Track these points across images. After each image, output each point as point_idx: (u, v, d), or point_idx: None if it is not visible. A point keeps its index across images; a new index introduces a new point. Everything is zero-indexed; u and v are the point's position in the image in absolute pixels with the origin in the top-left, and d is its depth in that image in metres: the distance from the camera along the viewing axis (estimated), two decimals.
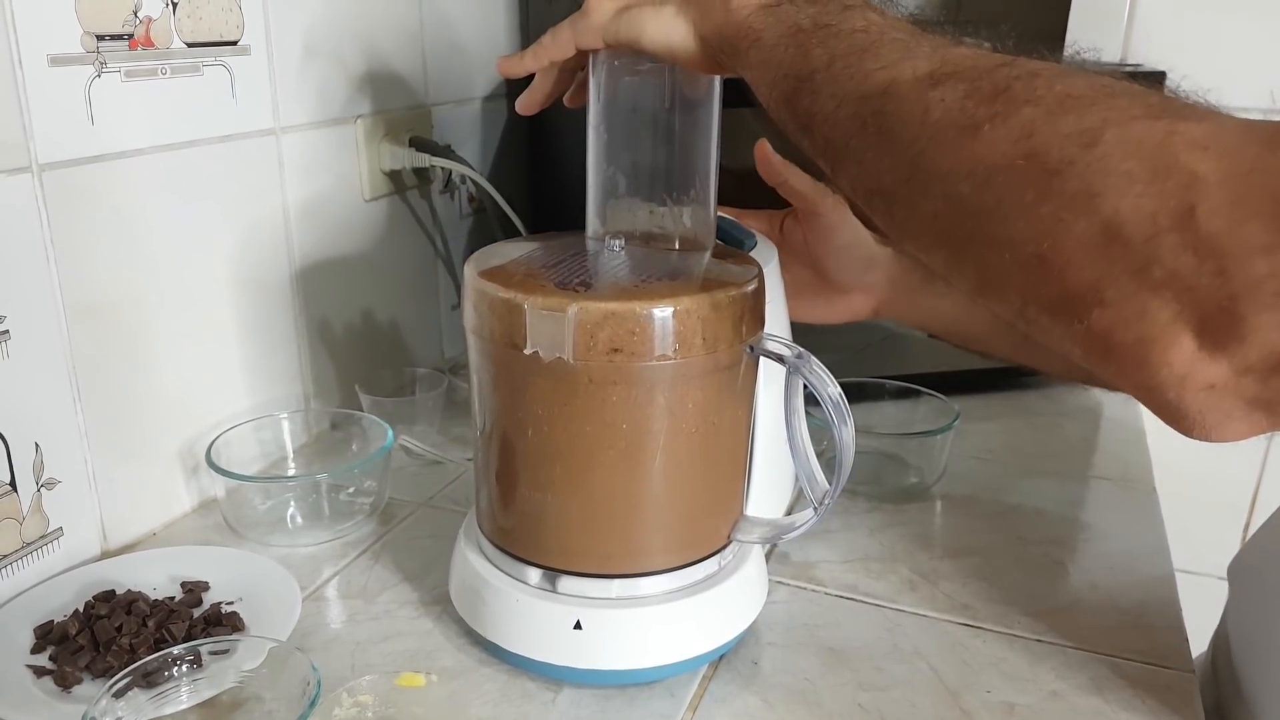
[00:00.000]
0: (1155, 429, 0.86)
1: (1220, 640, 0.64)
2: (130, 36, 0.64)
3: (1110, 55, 1.07)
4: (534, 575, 0.54)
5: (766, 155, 0.69)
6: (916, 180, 0.38)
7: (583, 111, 0.58)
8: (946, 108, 0.37)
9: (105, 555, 0.67)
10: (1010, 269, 0.35)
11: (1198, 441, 0.34)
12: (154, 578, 0.62)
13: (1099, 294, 0.33)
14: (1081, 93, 0.35)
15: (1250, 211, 0.30)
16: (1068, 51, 0.69)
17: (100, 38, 0.62)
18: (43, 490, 0.62)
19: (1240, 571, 0.63)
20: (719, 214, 0.60)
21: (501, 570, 0.55)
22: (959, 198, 0.36)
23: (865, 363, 0.85)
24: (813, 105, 0.43)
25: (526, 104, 0.61)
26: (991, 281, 0.37)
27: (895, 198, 0.40)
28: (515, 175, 1.09)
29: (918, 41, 0.41)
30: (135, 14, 0.64)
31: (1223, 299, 0.31)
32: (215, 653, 0.50)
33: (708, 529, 0.55)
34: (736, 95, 0.51)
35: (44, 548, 0.63)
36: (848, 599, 0.63)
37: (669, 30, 0.51)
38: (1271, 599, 0.58)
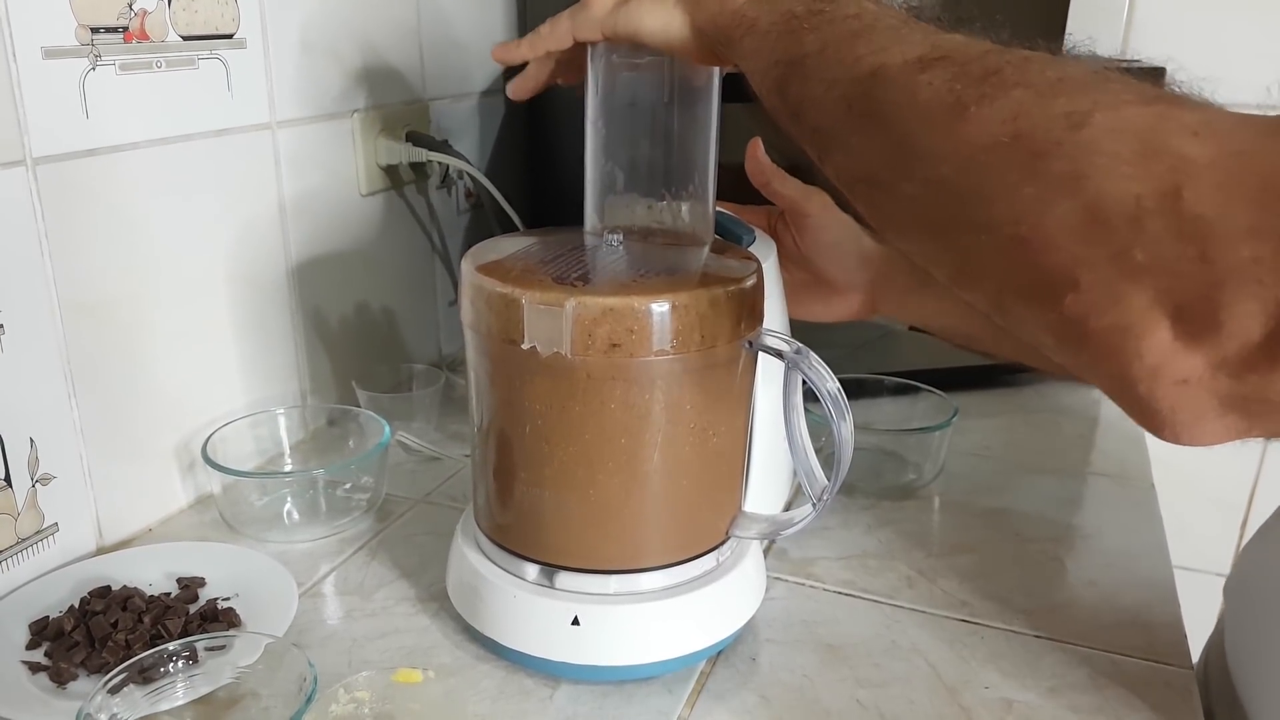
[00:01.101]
0: None
1: (1215, 651, 0.64)
2: (125, 29, 0.64)
3: (1109, 49, 1.07)
4: (531, 571, 0.54)
5: (755, 155, 0.69)
6: (899, 164, 0.37)
7: (581, 106, 0.57)
8: (934, 90, 0.36)
9: (101, 551, 0.66)
10: (988, 253, 0.35)
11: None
12: (150, 574, 0.62)
13: (1074, 278, 0.32)
14: (1074, 77, 0.34)
15: (1237, 194, 0.29)
16: (1067, 44, 0.69)
17: (95, 30, 0.62)
18: (38, 486, 0.62)
19: (1234, 588, 0.62)
20: (718, 209, 0.60)
21: (499, 566, 0.55)
22: (941, 181, 0.36)
23: (864, 359, 0.85)
24: (803, 91, 0.42)
25: (518, 89, 0.61)
26: (969, 268, 0.36)
27: (879, 183, 0.39)
28: (513, 170, 1.09)
29: (910, 28, 0.41)
30: (130, 6, 0.64)
31: (1203, 286, 0.30)
32: (211, 649, 0.49)
33: (706, 525, 0.55)
34: (736, 90, 0.51)
35: (39, 544, 0.63)
36: (846, 595, 0.63)
37: (666, 22, 0.51)
38: (1264, 615, 0.57)
